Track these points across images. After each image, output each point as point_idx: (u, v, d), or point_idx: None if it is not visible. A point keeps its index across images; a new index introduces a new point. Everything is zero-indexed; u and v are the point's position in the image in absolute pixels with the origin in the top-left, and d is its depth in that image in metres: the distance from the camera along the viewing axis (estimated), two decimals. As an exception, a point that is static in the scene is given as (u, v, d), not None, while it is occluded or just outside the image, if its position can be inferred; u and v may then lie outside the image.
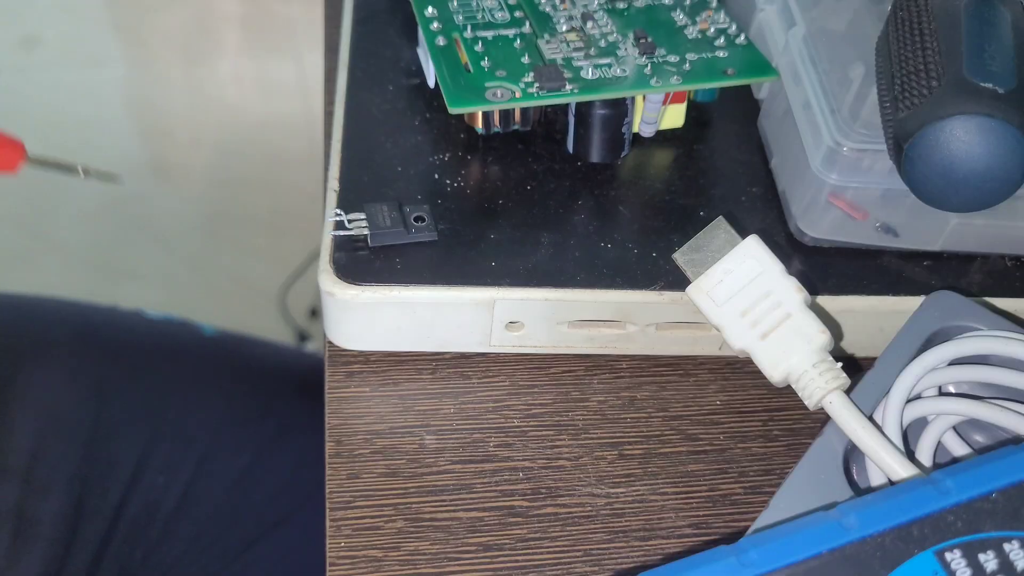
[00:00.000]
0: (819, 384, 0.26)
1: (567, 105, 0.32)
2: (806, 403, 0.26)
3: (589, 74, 0.32)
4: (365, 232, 0.30)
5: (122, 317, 0.50)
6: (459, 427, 0.30)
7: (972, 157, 0.26)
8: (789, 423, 0.31)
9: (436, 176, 0.32)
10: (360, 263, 0.29)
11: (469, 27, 0.33)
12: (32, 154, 0.21)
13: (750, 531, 0.23)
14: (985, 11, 0.28)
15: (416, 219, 0.30)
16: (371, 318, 0.29)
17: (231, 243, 1.19)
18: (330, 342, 0.31)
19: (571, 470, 0.29)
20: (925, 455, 0.26)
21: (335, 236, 0.30)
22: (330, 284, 0.29)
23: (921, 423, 0.27)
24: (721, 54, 0.33)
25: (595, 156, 0.33)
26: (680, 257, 0.28)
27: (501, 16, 0.34)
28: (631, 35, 0.33)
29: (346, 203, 0.31)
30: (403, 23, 0.37)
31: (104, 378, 0.45)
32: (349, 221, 0.30)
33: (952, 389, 0.28)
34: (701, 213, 0.32)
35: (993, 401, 0.27)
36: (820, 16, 0.34)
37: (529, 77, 0.31)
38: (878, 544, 0.20)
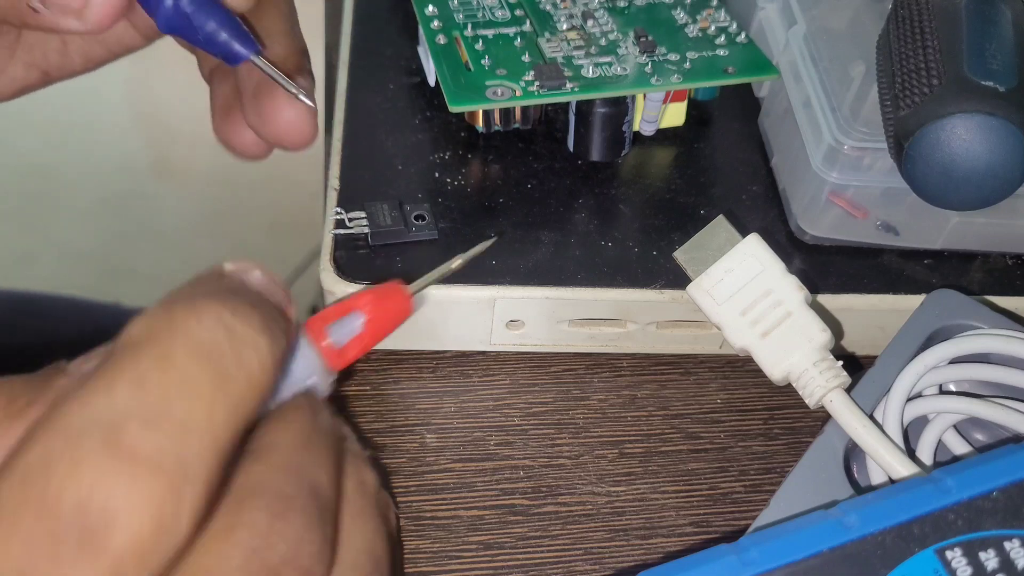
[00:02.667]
0: (820, 383, 0.26)
1: (568, 104, 0.32)
2: (807, 402, 0.26)
3: (590, 72, 0.32)
4: (366, 230, 0.30)
5: (127, 316, 0.50)
6: (460, 426, 0.30)
7: (973, 155, 0.26)
8: (790, 421, 0.31)
9: (436, 175, 0.32)
10: (361, 261, 0.29)
11: (469, 25, 0.33)
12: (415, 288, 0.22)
13: (751, 529, 0.23)
14: (986, 9, 0.28)
15: (417, 217, 0.30)
16: (372, 317, 0.29)
17: (232, 241, 1.19)
18: (331, 341, 0.31)
19: (572, 468, 0.29)
20: (926, 453, 0.26)
21: (336, 234, 0.30)
22: (331, 282, 0.29)
23: (922, 421, 0.27)
24: (722, 52, 0.33)
25: (596, 155, 0.33)
26: (681, 255, 0.28)
27: (501, 14, 0.34)
28: (632, 33, 0.33)
29: (347, 201, 0.31)
30: (403, 21, 0.37)
31: None
32: (350, 219, 0.30)
33: (953, 388, 0.28)
34: (702, 211, 0.32)
35: (994, 400, 0.27)
36: (821, 14, 0.34)
37: (530, 75, 0.31)
38: (879, 542, 0.20)
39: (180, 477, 0.16)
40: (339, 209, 0.30)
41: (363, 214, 0.30)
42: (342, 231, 0.30)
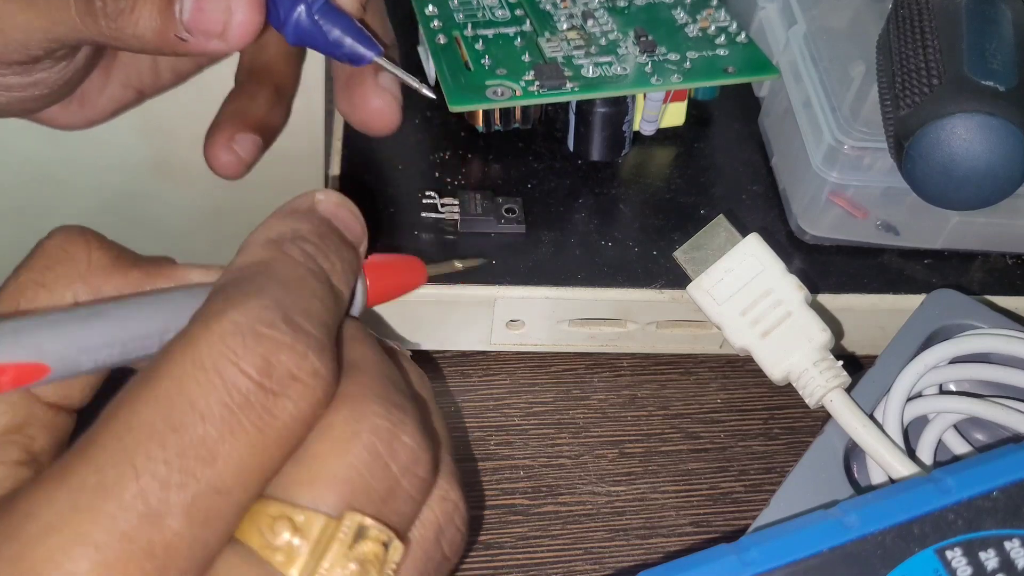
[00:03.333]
0: (820, 382, 0.26)
1: (568, 103, 0.32)
2: (807, 401, 0.26)
3: (590, 72, 0.32)
4: (456, 217, 0.30)
5: None
6: (460, 425, 0.30)
7: (973, 155, 0.26)
8: (790, 421, 0.31)
9: (436, 174, 0.32)
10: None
11: (469, 25, 0.33)
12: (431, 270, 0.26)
13: (751, 529, 0.23)
14: (986, 9, 0.28)
15: (507, 210, 0.30)
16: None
17: (232, 241, 1.19)
18: (331, 340, 0.31)
19: (572, 468, 0.29)
20: (926, 453, 0.26)
21: (425, 217, 0.30)
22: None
23: (922, 421, 0.27)
24: (722, 52, 0.33)
25: (596, 154, 0.33)
26: (681, 255, 0.28)
27: (501, 14, 0.34)
28: (632, 33, 0.33)
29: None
30: (403, 21, 0.37)
31: (112, 379, 0.45)
32: (442, 205, 0.30)
33: (953, 387, 0.28)
34: (702, 211, 0.32)
35: (994, 399, 0.27)
36: (821, 14, 0.34)
37: (530, 75, 0.31)
38: (879, 542, 0.20)
39: (331, 357, 0.19)
40: (432, 193, 0.30)
41: (455, 201, 0.30)
42: (432, 215, 0.30)
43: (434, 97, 0.28)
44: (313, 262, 0.20)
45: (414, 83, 0.28)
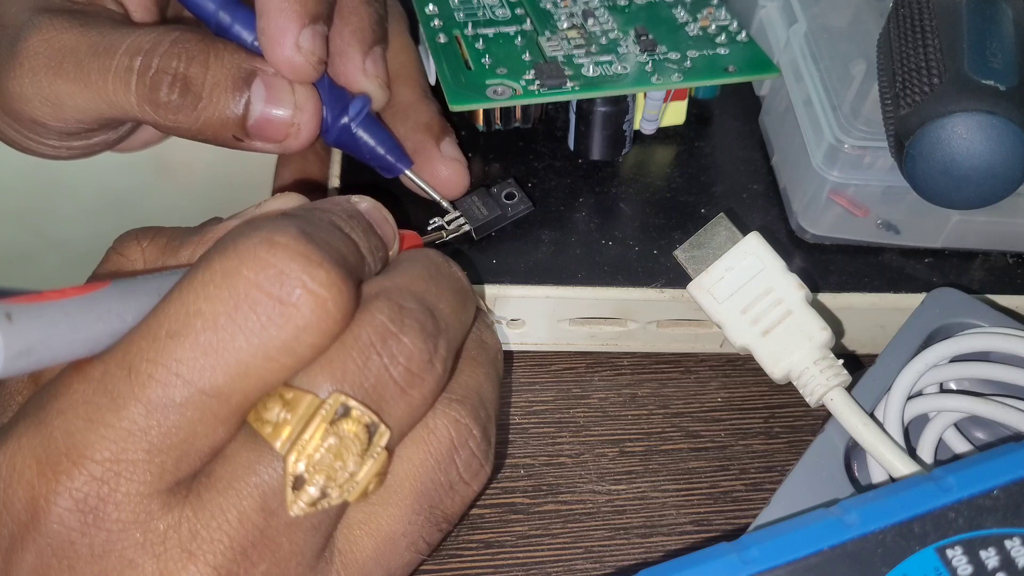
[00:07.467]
0: (820, 381, 0.26)
1: (568, 103, 0.32)
2: (807, 400, 0.26)
3: (590, 71, 0.32)
4: (466, 228, 0.30)
5: None
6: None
7: (973, 154, 0.26)
8: (790, 420, 0.31)
9: (437, 173, 0.32)
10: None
11: (470, 24, 0.33)
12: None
13: (751, 528, 0.23)
14: (986, 8, 0.28)
15: (507, 196, 0.30)
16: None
17: (232, 240, 1.18)
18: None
19: (572, 467, 0.29)
20: (926, 452, 0.26)
21: (435, 243, 0.30)
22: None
23: (922, 420, 0.27)
24: (722, 51, 0.33)
25: (596, 153, 0.33)
26: (681, 254, 0.28)
27: (502, 13, 0.34)
28: (632, 32, 0.33)
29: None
30: (404, 20, 0.37)
31: None
32: (448, 223, 0.30)
33: (953, 386, 0.28)
34: (702, 210, 0.32)
35: (994, 398, 0.27)
36: (822, 13, 0.34)
37: (530, 74, 0.31)
38: (879, 541, 0.20)
39: (349, 276, 0.20)
40: (435, 220, 0.30)
41: (458, 213, 0.30)
42: (446, 240, 0.30)
43: (451, 211, 0.30)
44: (340, 227, 0.21)
45: (436, 198, 0.30)
